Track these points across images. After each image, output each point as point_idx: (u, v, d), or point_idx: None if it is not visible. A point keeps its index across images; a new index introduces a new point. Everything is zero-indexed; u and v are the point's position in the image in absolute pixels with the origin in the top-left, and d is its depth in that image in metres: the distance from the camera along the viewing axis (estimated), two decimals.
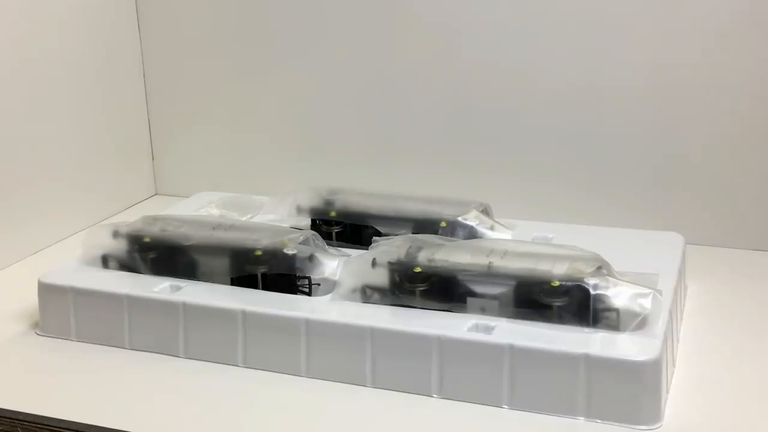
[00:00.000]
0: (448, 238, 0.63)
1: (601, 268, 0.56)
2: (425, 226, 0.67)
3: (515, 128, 0.80)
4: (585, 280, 0.54)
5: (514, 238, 0.65)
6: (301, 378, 0.56)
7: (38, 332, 0.63)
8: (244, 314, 0.57)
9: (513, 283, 0.56)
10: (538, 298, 0.55)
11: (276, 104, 0.87)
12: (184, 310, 0.58)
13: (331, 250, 0.63)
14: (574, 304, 0.54)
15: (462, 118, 0.82)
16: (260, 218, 0.73)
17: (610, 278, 0.54)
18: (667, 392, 0.53)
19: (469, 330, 0.54)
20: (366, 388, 0.55)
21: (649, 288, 0.54)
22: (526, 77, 0.79)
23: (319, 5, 0.83)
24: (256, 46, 0.86)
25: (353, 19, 0.83)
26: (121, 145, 0.89)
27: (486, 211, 0.68)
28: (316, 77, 0.85)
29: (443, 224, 0.66)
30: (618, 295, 0.54)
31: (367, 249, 0.60)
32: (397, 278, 0.58)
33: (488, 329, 0.54)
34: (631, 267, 0.59)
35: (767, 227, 0.74)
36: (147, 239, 0.64)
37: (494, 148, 0.81)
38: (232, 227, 0.65)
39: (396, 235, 0.67)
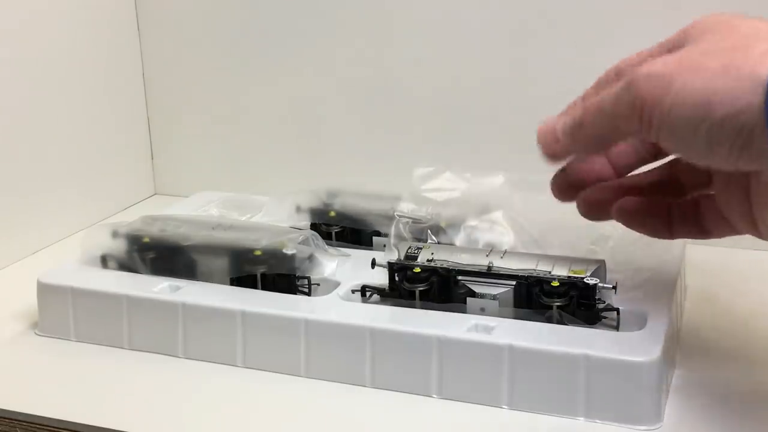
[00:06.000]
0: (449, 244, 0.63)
1: (602, 268, 0.56)
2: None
3: (515, 129, 0.80)
4: (585, 280, 0.54)
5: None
6: (301, 378, 0.56)
7: (37, 332, 0.63)
8: (244, 314, 0.57)
9: (513, 283, 0.56)
10: (538, 298, 0.55)
11: (275, 104, 0.87)
12: (183, 310, 0.58)
13: (331, 249, 0.63)
14: (574, 304, 0.54)
15: (462, 118, 0.82)
16: (259, 218, 0.72)
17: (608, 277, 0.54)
18: (667, 392, 0.53)
19: (469, 330, 0.54)
20: (365, 388, 0.55)
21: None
22: (527, 77, 0.79)
23: (319, 6, 0.83)
24: (256, 46, 0.86)
25: (353, 19, 0.82)
26: (120, 144, 0.89)
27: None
28: (316, 77, 0.85)
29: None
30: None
31: (366, 249, 0.60)
32: (397, 278, 0.58)
33: (488, 329, 0.54)
34: (631, 266, 0.59)
35: None
36: (146, 239, 0.64)
37: (494, 148, 0.81)
38: (231, 227, 0.65)
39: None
